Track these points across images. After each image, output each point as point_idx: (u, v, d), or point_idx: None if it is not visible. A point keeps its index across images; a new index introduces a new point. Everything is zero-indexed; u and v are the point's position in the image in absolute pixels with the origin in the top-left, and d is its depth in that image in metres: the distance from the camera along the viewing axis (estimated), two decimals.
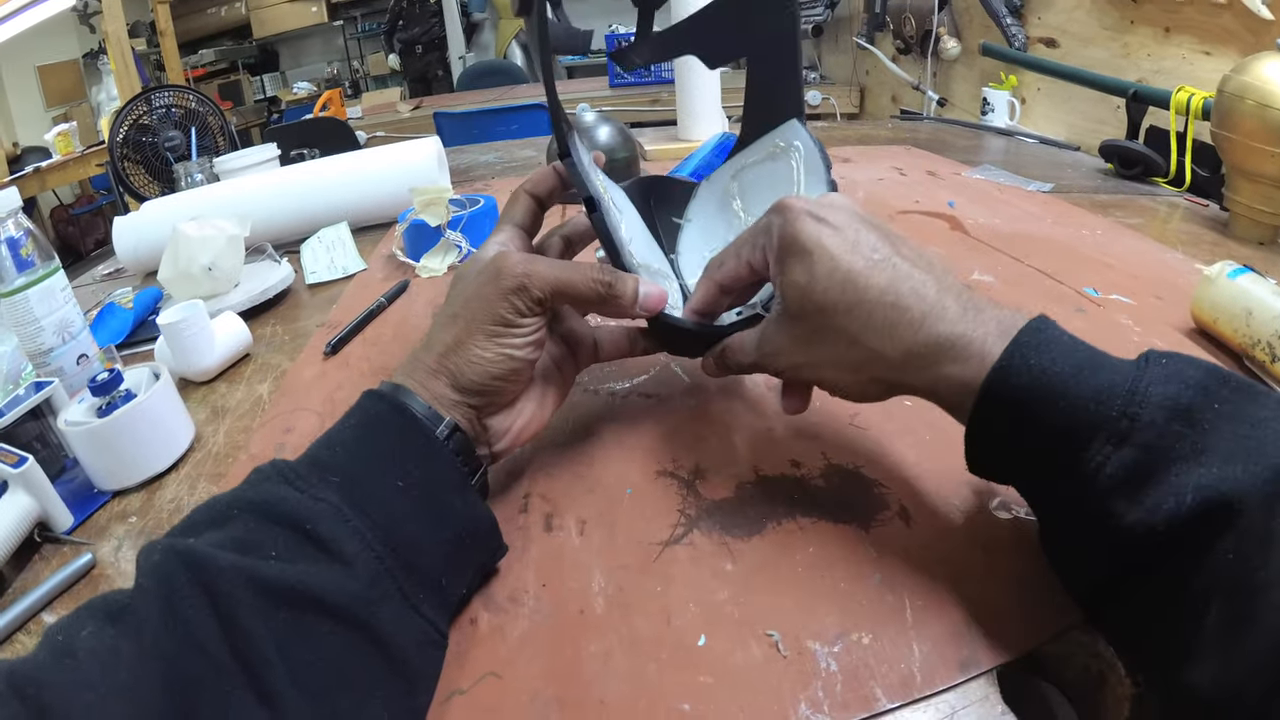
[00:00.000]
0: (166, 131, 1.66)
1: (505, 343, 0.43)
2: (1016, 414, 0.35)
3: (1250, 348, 0.61)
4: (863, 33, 2.97)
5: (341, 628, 0.32)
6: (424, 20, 6.08)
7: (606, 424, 0.57)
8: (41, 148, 4.54)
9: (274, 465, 0.38)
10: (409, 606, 0.35)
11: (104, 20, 3.42)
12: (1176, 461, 0.31)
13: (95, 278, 1.21)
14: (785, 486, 0.48)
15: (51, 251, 0.69)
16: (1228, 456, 0.30)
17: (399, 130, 3.38)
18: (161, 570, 0.31)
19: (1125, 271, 0.81)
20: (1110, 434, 0.32)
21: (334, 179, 1.19)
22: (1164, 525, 0.30)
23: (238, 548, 0.33)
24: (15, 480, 0.52)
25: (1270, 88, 0.86)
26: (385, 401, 0.41)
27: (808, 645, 0.37)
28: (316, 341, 0.79)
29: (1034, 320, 0.37)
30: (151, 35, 4.89)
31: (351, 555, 0.34)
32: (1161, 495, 0.31)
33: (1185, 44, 1.40)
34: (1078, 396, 0.33)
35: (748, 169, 0.60)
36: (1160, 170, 1.23)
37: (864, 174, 1.30)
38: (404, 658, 0.34)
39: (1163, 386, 0.33)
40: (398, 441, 0.40)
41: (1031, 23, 1.89)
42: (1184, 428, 0.31)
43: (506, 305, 0.43)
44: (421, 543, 0.37)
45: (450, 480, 0.40)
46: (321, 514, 0.35)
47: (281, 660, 0.30)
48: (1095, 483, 0.32)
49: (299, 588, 0.32)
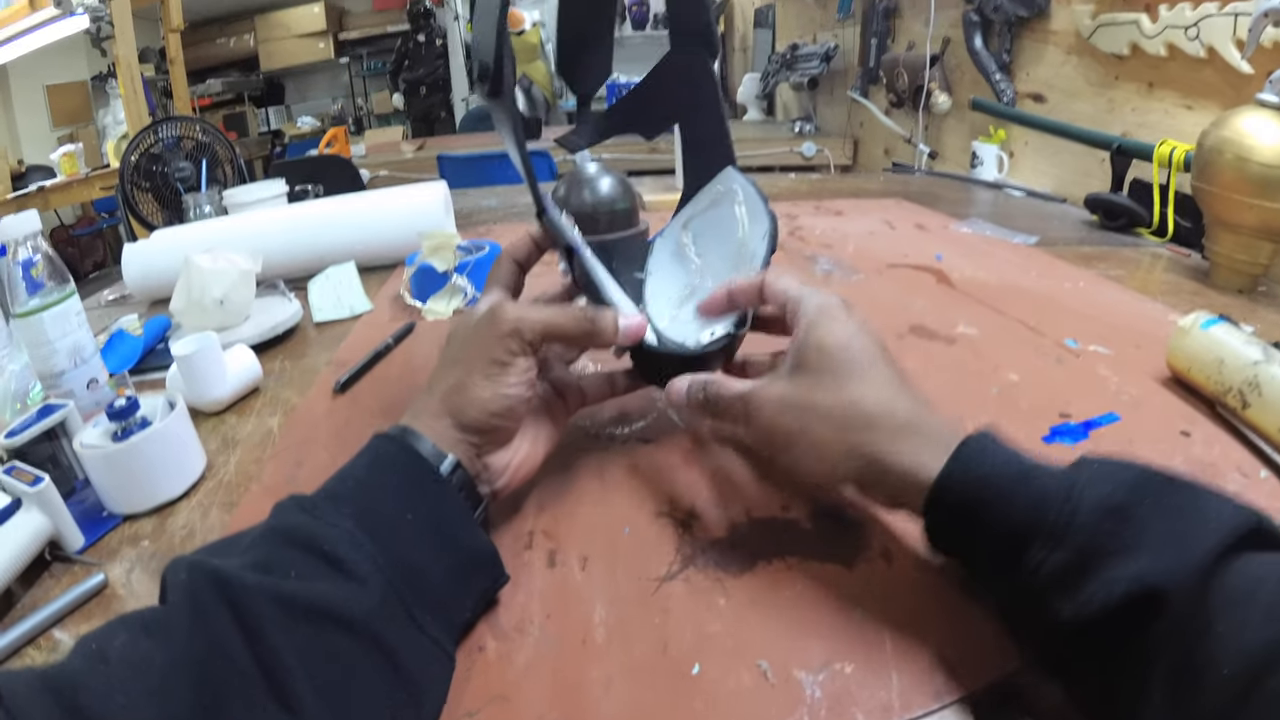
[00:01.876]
0: (177, 161, 1.67)
1: (501, 381, 0.47)
2: (964, 516, 0.39)
3: (1223, 395, 0.63)
4: (857, 86, 3.03)
5: (355, 640, 0.35)
6: (429, 61, 6.20)
7: (607, 466, 0.59)
8: (46, 167, 4.53)
9: (292, 499, 0.41)
10: (415, 626, 0.37)
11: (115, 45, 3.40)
12: (1109, 557, 0.33)
13: (101, 302, 1.22)
14: (775, 528, 0.51)
15: (67, 275, 0.71)
16: (1158, 549, 0.33)
17: (402, 170, 3.39)
18: (189, 586, 0.33)
19: (1105, 322, 0.84)
20: (1047, 538, 0.35)
21: (343, 219, 1.21)
22: (1097, 616, 0.33)
23: (260, 568, 0.35)
24: (30, 499, 0.53)
25: (1248, 141, 0.89)
26: (394, 443, 0.44)
27: (794, 674, 0.39)
28: (325, 378, 0.80)
29: (969, 440, 0.40)
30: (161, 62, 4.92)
31: (364, 574, 0.37)
32: (1094, 590, 0.33)
33: (1168, 98, 1.43)
34: (1016, 504, 0.37)
35: (695, 218, 0.65)
36: (1144, 221, 1.27)
37: (855, 227, 1.33)
38: (411, 671, 0.36)
39: (1093, 489, 0.36)
40: (406, 479, 0.43)
41: (1020, 78, 1.94)
42: (1116, 525, 0.34)
43: (501, 348, 0.47)
44: (427, 569, 0.40)
45: (454, 515, 0.43)
46: (337, 537, 0.38)
47: (302, 668, 0.32)
48: (1035, 581, 0.35)
49: (317, 603, 0.34)
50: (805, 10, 3.77)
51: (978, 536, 0.39)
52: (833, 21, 3.32)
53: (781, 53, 3.72)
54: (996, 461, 0.39)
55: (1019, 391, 0.69)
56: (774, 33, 4.26)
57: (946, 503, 0.39)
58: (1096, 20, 1.56)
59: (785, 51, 3.66)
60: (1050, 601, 0.35)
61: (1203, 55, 1.29)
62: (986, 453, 0.40)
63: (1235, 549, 0.32)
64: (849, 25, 3.13)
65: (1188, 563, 0.32)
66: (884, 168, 2.81)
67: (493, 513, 0.50)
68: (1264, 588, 0.30)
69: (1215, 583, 0.31)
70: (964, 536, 0.40)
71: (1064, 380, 0.70)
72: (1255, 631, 0.29)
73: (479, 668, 0.41)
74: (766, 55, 4.10)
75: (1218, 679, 0.29)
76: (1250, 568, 0.31)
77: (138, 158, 1.66)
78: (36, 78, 5.36)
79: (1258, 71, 1.19)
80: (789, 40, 3.87)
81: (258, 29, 6.87)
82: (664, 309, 0.61)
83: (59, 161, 4.27)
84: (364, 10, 6.95)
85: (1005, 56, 1.95)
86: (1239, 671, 0.28)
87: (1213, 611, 0.30)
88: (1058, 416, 0.64)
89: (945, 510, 0.40)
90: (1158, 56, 1.41)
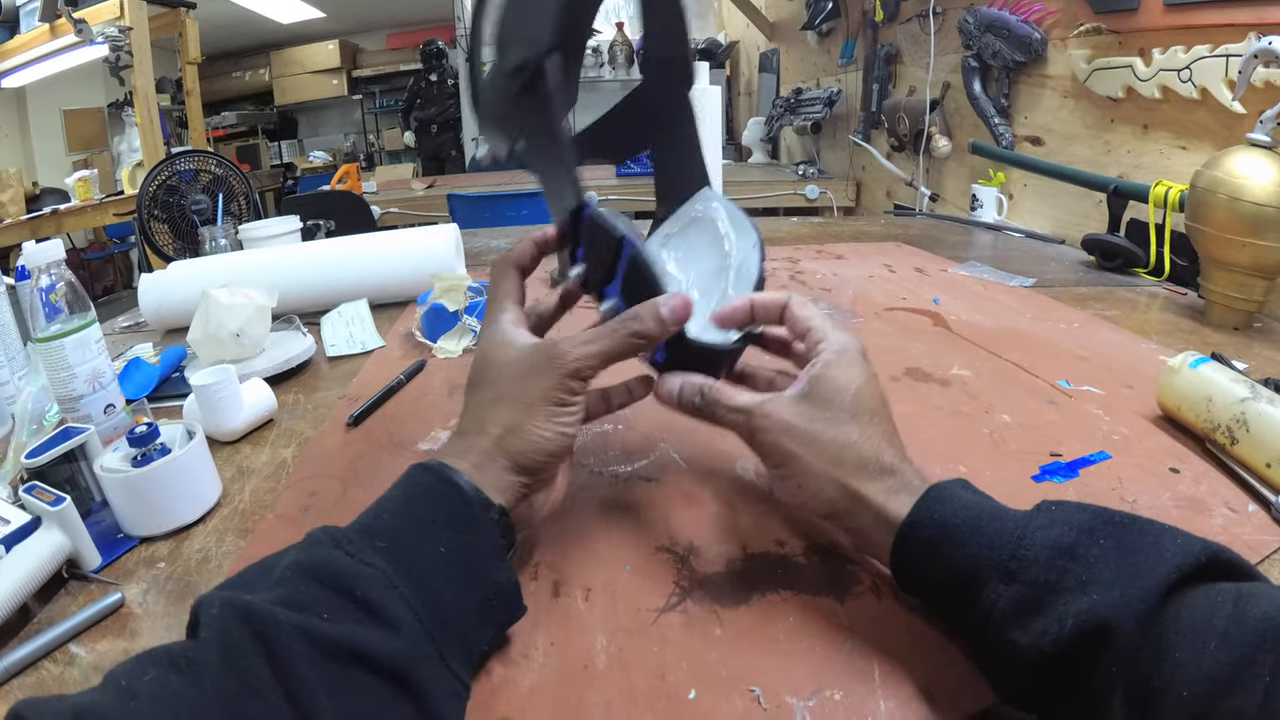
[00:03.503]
0: (193, 194, 1.69)
1: (561, 421, 0.47)
2: (927, 556, 0.42)
3: (1211, 431, 0.64)
4: (859, 130, 3.07)
5: (385, 682, 0.35)
6: (441, 101, 6.26)
7: (610, 503, 0.61)
8: (60, 190, 4.56)
9: (325, 531, 0.41)
10: (443, 664, 0.38)
11: (133, 74, 3.42)
12: (1062, 593, 0.36)
13: (115, 328, 1.25)
14: (770, 563, 0.52)
15: (88, 302, 0.73)
16: (1108, 584, 0.35)
17: (412, 207, 3.44)
18: (220, 623, 0.34)
19: (1099, 363, 0.86)
20: (1002, 574, 0.38)
21: (357, 257, 1.23)
22: (1050, 648, 0.35)
23: (291, 606, 0.35)
24: (50, 518, 0.54)
25: (1240, 181, 0.91)
26: (433, 474, 0.44)
27: (786, 700, 0.41)
28: (338, 412, 0.82)
29: (935, 487, 0.43)
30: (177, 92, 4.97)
31: (397, 619, 0.37)
32: (1047, 623, 0.35)
33: (1163, 140, 1.46)
34: (975, 544, 0.40)
35: (674, 236, 0.65)
36: (1140, 261, 1.29)
37: (855, 271, 1.35)
38: (438, 710, 0.37)
39: (1046, 531, 0.38)
40: (442, 511, 0.43)
41: (1018, 122, 1.97)
42: (1068, 563, 0.37)
43: (564, 388, 0.47)
44: (457, 605, 0.40)
45: (489, 550, 0.43)
46: (370, 580, 0.38)
47: (333, 706, 0.32)
48: (992, 616, 0.38)
49: (348, 644, 0.35)
50: (809, 55, 3.83)
51: (940, 575, 0.42)
52: (835, 67, 3.38)
53: (785, 97, 3.78)
54: (958, 506, 0.42)
55: (1011, 432, 0.70)
56: (778, 77, 4.32)
57: (911, 543, 0.42)
58: (1092, 64, 1.60)
59: (789, 96, 3.72)
60: (1008, 635, 0.37)
61: (1195, 97, 1.32)
62: (952, 498, 0.42)
63: (1189, 580, 0.34)
64: (851, 70, 3.19)
65: (1137, 596, 0.34)
66: (886, 210, 2.85)
67: None
68: (1219, 614, 0.32)
69: (1170, 612, 0.33)
70: (928, 576, 0.43)
71: (1056, 420, 0.72)
72: (1211, 656, 0.31)
73: (485, 691, 0.42)
74: (771, 99, 4.16)
75: (1176, 702, 0.30)
76: (1206, 596, 0.34)
77: (155, 189, 1.69)
78: (54, 102, 5.46)
79: (1249, 111, 1.22)
80: (793, 84, 3.94)
81: (273, 64, 7.01)
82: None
83: (74, 186, 4.30)
84: (378, 48, 7.09)
85: (1004, 101, 1.98)
86: (1198, 693, 0.30)
87: (1169, 639, 0.32)
88: (1049, 456, 0.65)
89: (910, 551, 0.43)
90: (1152, 99, 1.44)
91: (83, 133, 5.72)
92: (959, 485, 0.44)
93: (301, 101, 7.17)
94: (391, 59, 6.99)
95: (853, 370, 0.48)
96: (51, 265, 0.71)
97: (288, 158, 7.24)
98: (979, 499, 0.43)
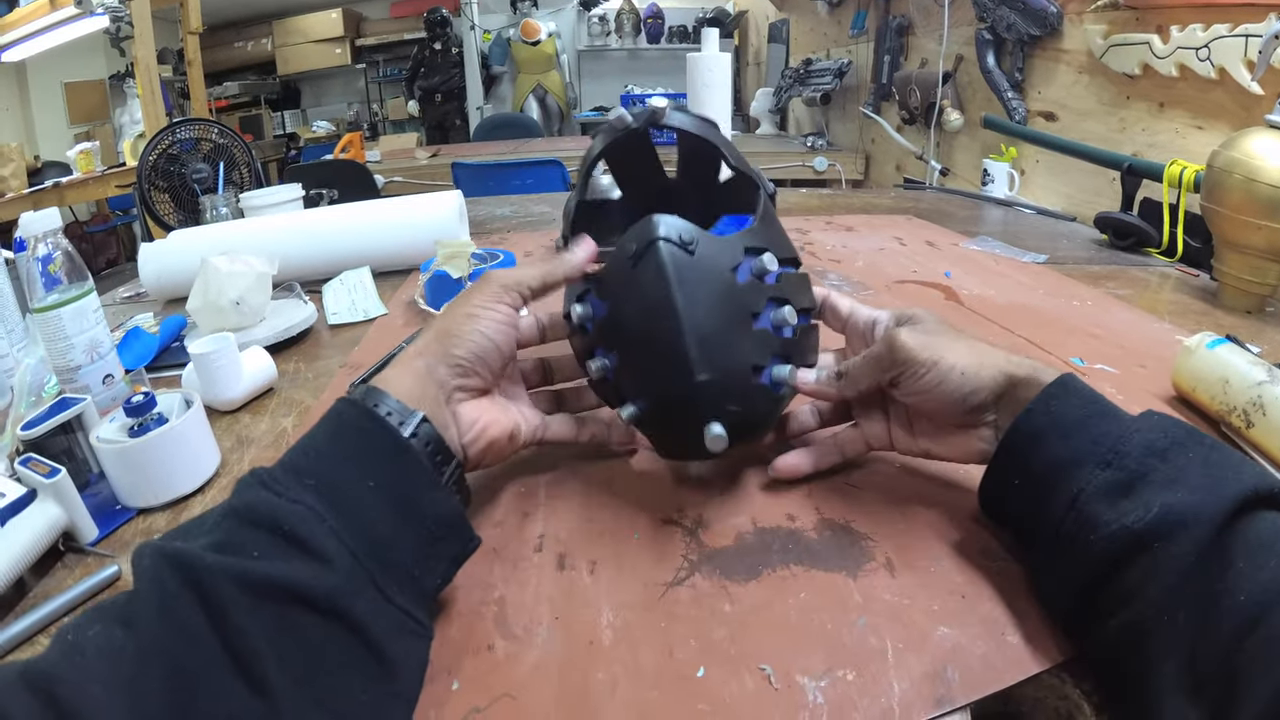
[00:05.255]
0: (194, 163, 1.67)
1: (493, 318, 0.51)
2: (1035, 446, 0.45)
3: (1227, 414, 0.63)
4: (869, 102, 3.05)
5: (322, 618, 0.35)
6: (445, 70, 6.22)
7: (617, 474, 0.60)
8: (62, 163, 4.56)
9: (254, 474, 0.40)
10: (383, 598, 0.38)
11: (134, 45, 3.41)
12: (1149, 486, 0.39)
13: (116, 299, 1.23)
14: (781, 537, 0.51)
15: (85, 272, 0.72)
16: (1191, 488, 0.38)
17: (416, 176, 3.43)
18: (151, 572, 0.33)
19: (1112, 341, 0.85)
20: (1099, 462, 0.41)
21: (359, 225, 1.22)
22: (1133, 525, 0.38)
23: (222, 549, 0.35)
24: (46, 490, 0.53)
25: (1257, 162, 0.89)
26: (356, 407, 0.44)
27: (797, 679, 0.40)
28: (340, 381, 0.81)
29: (1062, 376, 0.46)
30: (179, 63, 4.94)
31: (328, 552, 0.36)
32: (1133, 505, 0.39)
33: (1179, 119, 1.45)
34: (1080, 436, 0.43)
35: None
36: (1153, 241, 1.27)
37: (865, 243, 1.34)
38: (381, 645, 0.36)
39: (1146, 434, 0.42)
40: (367, 446, 0.43)
41: (1032, 97, 1.95)
42: (1158, 463, 0.40)
43: (496, 296, 0.52)
44: (393, 539, 0.40)
45: (418, 480, 0.43)
46: (299, 516, 0.37)
47: (270, 649, 0.32)
48: (1084, 494, 0.41)
49: (281, 583, 0.34)
50: (819, 26, 3.79)
51: (1039, 463, 0.44)
52: (846, 37, 3.34)
53: (795, 68, 3.75)
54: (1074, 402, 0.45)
55: None
56: (788, 47, 4.28)
57: (1025, 427, 0.45)
58: (1108, 40, 1.57)
59: (799, 66, 3.69)
60: (1095, 510, 0.40)
61: (1213, 76, 1.31)
62: (1076, 389, 0.46)
63: (1258, 504, 0.38)
64: (862, 41, 3.15)
65: (1214, 503, 0.37)
66: (895, 184, 2.83)
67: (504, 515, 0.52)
68: None
69: (1240, 527, 0.37)
70: (1031, 464, 0.45)
71: None
72: (1270, 571, 0.34)
73: (487, 666, 0.42)
74: (780, 70, 4.13)
75: (1233, 604, 0.34)
76: (1272, 520, 0.37)
77: (155, 158, 1.67)
78: (55, 75, 5.41)
79: (1268, 93, 1.20)
80: (803, 55, 3.90)
81: (275, 33, 6.93)
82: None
83: (75, 159, 4.30)
84: (381, 17, 7.00)
85: (1018, 75, 1.96)
86: (1254, 600, 0.33)
87: (1236, 550, 0.36)
88: None
89: (1022, 438, 0.46)
90: (1169, 77, 1.42)
91: (84, 105, 5.68)
92: (1076, 381, 0.47)
93: (304, 71, 7.09)
94: (395, 28, 6.91)
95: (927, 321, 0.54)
96: (48, 235, 0.69)
97: (291, 128, 7.17)
98: (1092, 395, 0.46)
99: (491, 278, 0.53)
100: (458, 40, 6.14)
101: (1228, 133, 1.14)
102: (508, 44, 6.10)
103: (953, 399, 0.49)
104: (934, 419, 0.52)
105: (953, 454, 0.52)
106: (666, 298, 0.48)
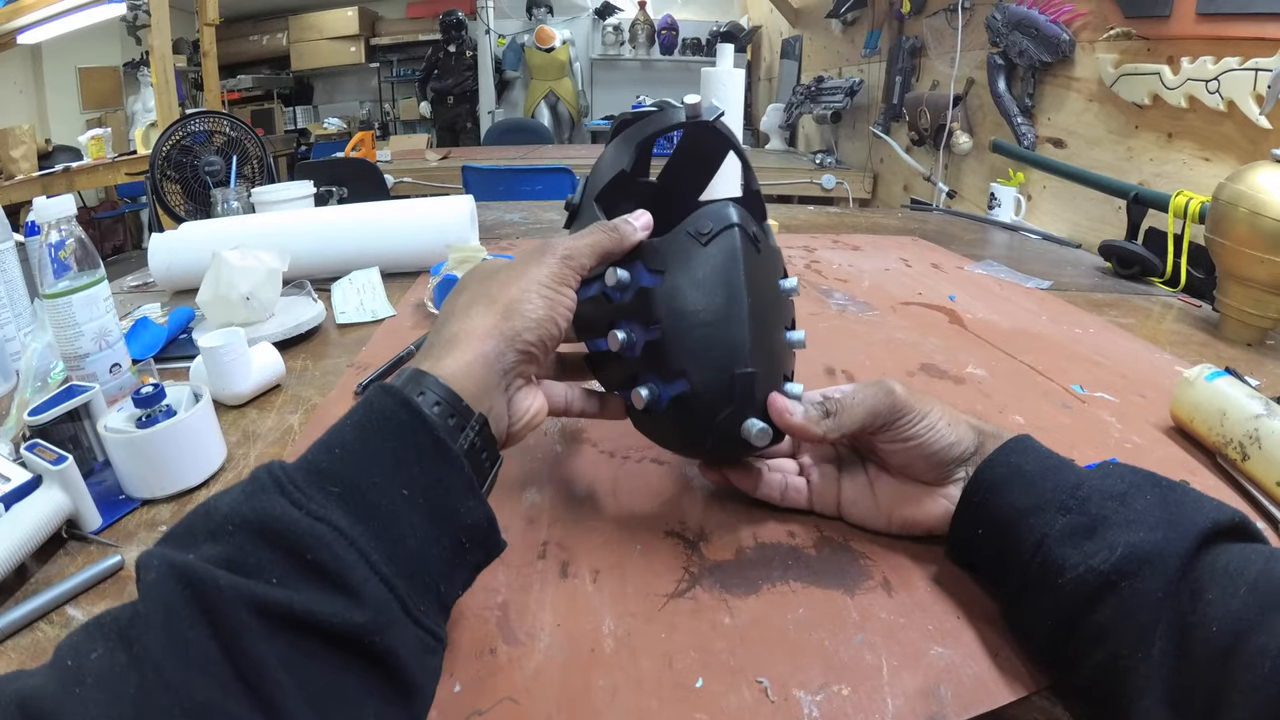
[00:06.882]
0: (207, 155, 1.68)
1: (561, 300, 0.47)
2: (996, 494, 0.46)
3: (1223, 446, 0.64)
4: (879, 122, 3.06)
5: (345, 652, 0.32)
6: (458, 72, 6.24)
7: (621, 485, 0.61)
8: (73, 148, 4.56)
9: (270, 473, 0.36)
10: (411, 621, 0.35)
11: (150, 34, 3.43)
12: (1111, 527, 0.41)
13: (123, 287, 1.23)
14: (781, 553, 0.52)
15: (97, 260, 0.72)
16: (1151, 526, 0.40)
17: (426, 178, 3.43)
18: (158, 590, 0.30)
19: (1113, 370, 0.85)
20: (1059, 508, 0.43)
21: (370, 225, 1.22)
22: (1099, 566, 0.39)
23: (236, 568, 0.32)
24: (52, 477, 0.53)
25: (1262, 196, 0.90)
26: (394, 399, 0.39)
27: (794, 693, 0.41)
28: (347, 380, 0.81)
29: (1021, 435, 0.50)
30: (193, 54, 4.95)
31: (355, 584, 0.33)
32: (1096, 547, 0.40)
33: (1186, 149, 1.45)
34: (1041, 484, 0.45)
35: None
36: (1157, 271, 1.28)
37: (871, 263, 1.35)
38: (405, 673, 0.34)
39: (1103, 480, 0.44)
40: (400, 443, 0.38)
41: (1041, 122, 1.96)
42: (1118, 505, 0.42)
43: (560, 273, 0.48)
44: (424, 553, 0.37)
45: (458, 485, 0.39)
46: (323, 541, 0.33)
47: (289, 678, 0.30)
48: (1048, 538, 0.42)
49: (301, 614, 0.31)
50: (832, 44, 3.81)
51: (1002, 511, 0.46)
52: (858, 57, 3.36)
53: (806, 85, 3.76)
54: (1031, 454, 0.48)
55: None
56: (800, 64, 4.30)
57: (987, 477, 0.47)
58: (1119, 69, 1.58)
59: (810, 84, 3.70)
60: (1061, 554, 0.41)
61: (1222, 109, 1.32)
62: (1029, 447, 0.48)
63: (1221, 536, 0.40)
64: (874, 61, 3.17)
65: (1177, 538, 0.39)
66: (902, 204, 2.83)
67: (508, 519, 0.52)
68: (1250, 567, 0.37)
69: (1207, 559, 0.38)
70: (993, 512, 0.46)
71: (1069, 425, 0.72)
72: (1241, 600, 0.35)
73: (489, 670, 0.42)
74: (791, 86, 4.14)
75: (1207, 635, 0.35)
76: (1241, 551, 0.38)
77: (169, 149, 1.67)
78: (69, 60, 5.42)
79: (1275, 127, 1.21)
80: (814, 73, 3.92)
81: (291, 29, 6.96)
82: None
83: (86, 144, 4.29)
84: (397, 17, 7.03)
85: (1028, 100, 1.97)
86: (1226, 630, 0.34)
87: (1204, 582, 0.37)
88: None
89: (982, 485, 0.47)
90: (1178, 108, 1.43)
91: (97, 91, 5.69)
92: (1031, 440, 0.49)
93: (318, 67, 7.10)
94: (410, 28, 6.93)
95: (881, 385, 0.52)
96: (62, 221, 0.70)
97: (302, 123, 7.18)
98: (1049, 452, 0.48)
99: (552, 248, 0.49)
100: (472, 43, 6.17)
101: (1235, 165, 1.15)
102: (522, 49, 6.12)
103: (938, 448, 0.49)
104: (907, 472, 0.52)
105: (916, 515, 0.52)
106: (736, 281, 0.49)
